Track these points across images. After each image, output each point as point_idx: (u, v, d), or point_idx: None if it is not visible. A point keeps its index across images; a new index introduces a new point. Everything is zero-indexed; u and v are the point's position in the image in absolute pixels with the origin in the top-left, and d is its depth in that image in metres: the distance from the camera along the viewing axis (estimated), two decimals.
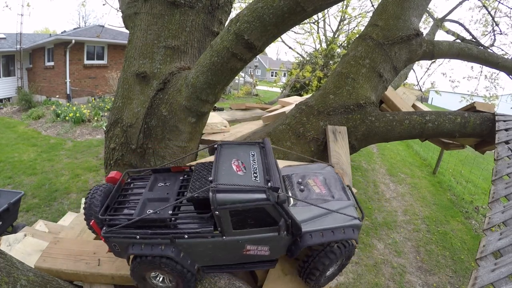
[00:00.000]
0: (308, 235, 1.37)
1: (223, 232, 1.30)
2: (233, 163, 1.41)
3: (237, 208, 1.22)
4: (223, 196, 1.21)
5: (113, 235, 1.34)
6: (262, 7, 1.70)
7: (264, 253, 1.39)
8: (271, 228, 1.32)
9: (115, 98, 2.58)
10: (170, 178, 1.66)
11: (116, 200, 1.52)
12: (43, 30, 42.47)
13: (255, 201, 1.23)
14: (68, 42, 13.39)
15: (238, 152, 1.52)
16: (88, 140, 9.70)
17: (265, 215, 1.27)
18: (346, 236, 1.41)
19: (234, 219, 1.27)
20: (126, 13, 2.57)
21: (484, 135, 2.63)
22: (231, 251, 1.37)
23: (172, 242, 1.31)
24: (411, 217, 6.55)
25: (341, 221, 1.44)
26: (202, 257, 1.40)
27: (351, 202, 1.56)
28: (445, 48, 3.05)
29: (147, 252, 1.32)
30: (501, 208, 1.69)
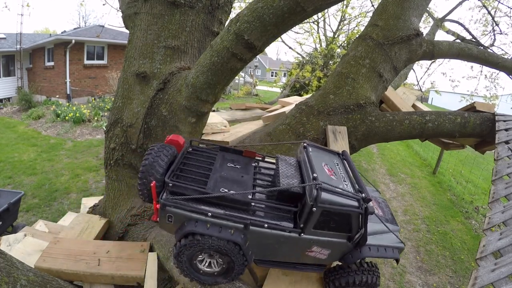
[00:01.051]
0: (367, 248, 1.46)
1: (304, 229, 1.30)
2: (324, 167, 1.44)
3: (332, 209, 1.26)
4: (327, 195, 1.24)
5: (175, 204, 1.21)
6: (262, 7, 1.70)
7: (322, 257, 1.43)
8: (343, 235, 1.37)
9: (115, 98, 2.58)
10: (239, 161, 1.58)
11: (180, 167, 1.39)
12: (43, 30, 42.46)
13: (349, 206, 1.27)
14: (68, 42, 13.39)
15: (324, 157, 1.56)
16: (88, 140, 9.70)
17: (347, 221, 1.32)
18: (393, 255, 1.54)
19: (320, 219, 1.29)
20: (126, 13, 2.57)
21: (484, 135, 2.63)
22: (296, 249, 1.39)
23: (245, 228, 1.24)
24: (411, 217, 6.55)
25: (391, 242, 1.56)
26: (264, 249, 1.36)
27: (398, 228, 1.74)
28: (445, 48, 3.05)
29: (214, 233, 1.21)
30: (501, 208, 1.69)
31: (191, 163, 1.47)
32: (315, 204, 1.23)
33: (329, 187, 1.26)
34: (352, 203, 1.28)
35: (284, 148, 2.56)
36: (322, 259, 1.44)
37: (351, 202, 1.28)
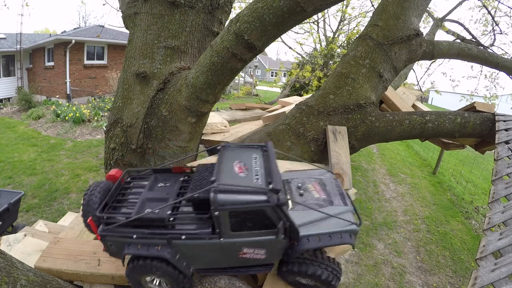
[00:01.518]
0: (305, 239, 1.37)
1: (221, 234, 1.28)
2: (235, 164, 1.40)
3: (237, 209, 1.21)
4: (224, 196, 1.20)
5: (109, 233, 1.32)
6: (262, 7, 1.70)
7: (260, 257, 1.38)
8: (269, 231, 1.30)
9: (115, 98, 2.58)
10: (171, 178, 1.64)
11: (115, 198, 1.50)
12: (43, 30, 42.47)
13: (256, 202, 1.21)
14: (68, 42, 13.40)
15: (241, 154, 1.51)
16: (88, 140, 9.70)
17: (264, 217, 1.26)
18: (343, 241, 1.41)
19: (233, 221, 1.25)
20: (126, 13, 2.57)
21: (484, 135, 2.63)
22: (227, 254, 1.36)
23: (169, 243, 1.29)
24: (411, 217, 6.55)
25: (338, 226, 1.42)
26: (198, 259, 1.38)
27: (349, 208, 1.54)
28: (445, 48, 3.05)
29: (143, 252, 1.30)
30: (501, 208, 1.69)
31: (127, 192, 1.57)
32: (215, 207, 1.20)
33: (226, 187, 1.21)
34: (258, 198, 1.21)
35: (284, 149, 2.57)
36: (262, 259, 1.39)
37: (257, 197, 1.21)
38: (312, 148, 2.55)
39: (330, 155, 2.36)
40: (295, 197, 1.57)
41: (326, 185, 1.69)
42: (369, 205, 6.91)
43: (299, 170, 1.96)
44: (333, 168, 2.27)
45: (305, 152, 2.55)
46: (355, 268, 4.83)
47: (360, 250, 5.29)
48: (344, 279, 4.58)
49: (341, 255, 5.26)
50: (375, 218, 6.40)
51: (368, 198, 7.26)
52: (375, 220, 6.32)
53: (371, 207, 6.82)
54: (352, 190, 2.31)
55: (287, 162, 2.47)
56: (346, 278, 4.61)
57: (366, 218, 6.34)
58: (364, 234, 5.76)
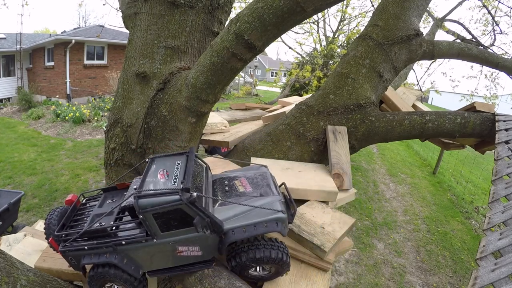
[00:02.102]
0: (231, 232, 1.43)
1: (153, 235, 1.39)
2: (159, 172, 1.53)
3: (157, 210, 1.32)
4: (144, 201, 1.32)
5: (67, 249, 1.47)
6: (262, 7, 1.70)
7: (197, 253, 1.48)
8: (192, 228, 1.40)
9: (115, 98, 2.58)
10: (118, 194, 1.81)
11: (72, 219, 1.66)
12: (43, 30, 42.43)
13: (171, 202, 1.32)
14: (68, 42, 13.40)
15: (166, 163, 1.63)
16: (88, 140, 9.70)
17: (184, 215, 1.36)
18: (268, 230, 1.45)
19: (159, 222, 1.36)
20: (126, 13, 2.57)
21: (484, 135, 2.63)
22: (167, 254, 1.47)
23: (114, 250, 1.43)
24: (411, 217, 6.55)
25: (263, 216, 1.48)
26: (144, 261, 1.49)
27: (277, 197, 1.59)
28: (445, 48, 3.05)
29: (95, 260, 1.45)
30: (501, 208, 1.69)
31: (83, 212, 1.74)
32: (138, 211, 1.32)
33: (146, 193, 1.34)
34: (172, 198, 1.32)
35: (284, 149, 2.57)
36: (201, 255, 1.49)
37: (171, 198, 1.32)
38: (312, 148, 2.55)
39: (330, 155, 2.36)
40: (219, 194, 1.66)
41: (255, 180, 1.76)
42: (369, 205, 6.92)
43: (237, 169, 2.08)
44: (333, 168, 2.28)
45: (305, 152, 2.55)
46: (355, 268, 4.83)
47: (360, 250, 5.30)
48: (344, 279, 4.58)
49: (341, 255, 5.26)
50: (375, 218, 6.40)
51: (368, 198, 7.26)
52: (375, 220, 6.32)
53: (371, 207, 6.82)
54: (352, 190, 2.31)
55: (287, 162, 2.47)
56: (346, 278, 4.61)
57: (366, 218, 6.34)
58: (364, 234, 5.76)
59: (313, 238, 1.71)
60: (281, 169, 2.32)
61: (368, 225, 6.10)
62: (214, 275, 1.54)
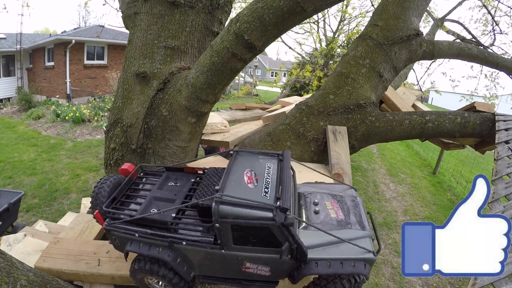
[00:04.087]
0: (313, 263, 1.28)
1: (223, 245, 1.25)
2: (246, 173, 1.34)
3: (239, 223, 1.17)
4: (226, 208, 1.16)
5: (114, 228, 1.33)
6: (262, 7, 1.69)
7: (264, 274, 1.33)
8: (273, 250, 1.24)
9: (115, 98, 2.58)
10: (182, 178, 1.62)
11: (125, 193, 1.50)
12: (43, 30, 42.39)
13: (260, 219, 1.16)
14: (68, 42, 13.39)
15: (254, 162, 1.43)
16: (88, 140, 9.70)
17: (269, 235, 1.20)
18: (355, 271, 1.29)
19: (235, 234, 1.21)
20: (126, 13, 2.57)
21: (484, 135, 2.63)
22: (229, 265, 1.33)
23: (170, 246, 1.28)
24: (411, 217, 6.55)
25: (353, 253, 1.32)
26: (200, 265, 1.36)
27: (368, 233, 1.43)
28: (445, 48, 3.05)
29: (144, 251, 1.30)
30: (501, 208, 1.69)
31: (138, 188, 1.57)
32: (216, 218, 1.17)
33: (230, 199, 1.16)
34: (263, 215, 1.15)
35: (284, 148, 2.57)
36: (266, 276, 1.33)
37: (262, 214, 1.15)
38: (312, 148, 2.55)
39: (330, 155, 2.36)
40: (310, 215, 1.47)
41: (345, 204, 1.57)
42: (369, 205, 6.91)
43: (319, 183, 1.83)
44: (333, 168, 2.27)
45: (305, 152, 2.55)
46: None
47: None
48: None
49: None
50: (375, 218, 6.40)
51: (368, 198, 7.25)
52: (375, 220, 6.32)
53: (371, 207, 6.82)
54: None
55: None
56: None
57: None
58: None
59: None
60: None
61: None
62: None
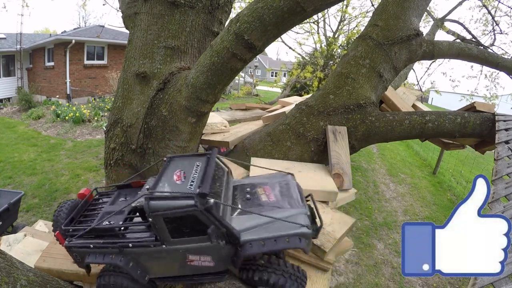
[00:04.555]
0: (248, 244, 1.31)
1: (162, 240, 1.31)
2: (176, 173, 1.42)
3: (168, 215, 1.24)
4: (155, 203, 1.24)
5: (73, 245, 1.43)
6: (262, 7, 1.70)
7: (209, 264, 1.38)
8: (206, 237, 1.30)
9: (115, 98, 2.58)
10: (132, 193, 1.74)
11: (82, 214, 1.62)
12: (43, 30, 42.44)
13: (184, 207, 1.23)
14: (68, 42, 13.41)
15: (184, 163, 1.52)
16: (88, 140, 9.70)
17: (197, 222, 1.26)
18: (290, 245, 1.33)
19: (169, 227, 1.28)
20: (126, 13, 2.57)
21: (484, 135, 2.63)
22: (176, 262, 1.38)
23: (120, 251, 1.36)
24: (411, 217, 6.55)
25: (286, 230, 1.35)
26: (151, 267, 1.42)
27: (303, 210, 1.46)
28: (445, 48, 3.05)
29: (100, 260, 1.40)
30: (501, 208, 1.69)
31: (95, 208, 1.69)
32: (148, 214, 1.25)
33: (158, 194, 1.25)
34: (186, 203, 1.23)
35: (284, 149, 2.57)
36: (212, 267, 1.38)
37: (185, 202, 1.23)
38: (312, 148, 2.55)
39: (330, 155, 2.36)
40: (240, 202, 1.53)
41: (279, 189, 1.63)
42: (369, 205, 6.92)
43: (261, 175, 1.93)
44: (333, 168, 2.27)
45: (305, 152, 2.55)
46: (355, 268, 4.83)
47: (360, 250, 5.30)
48: (344, 279, 4.58)
49: (341, 255, 5.25)
50: (375, 218, 6.40)
51: (368, 198, 7.26)
52: (375, 220, 6.32)
53: (371, 207, 6.82)
54: (352, 190, 2.31)
55: (287, 162, 2.47)
56: (346, 278, 4.61)
57: (366, 218, 6.34)
58: (364, 234, 5.76)
59: None
60: (281, 169, 2.31)
61: (368, 225, 6.10)
62: None
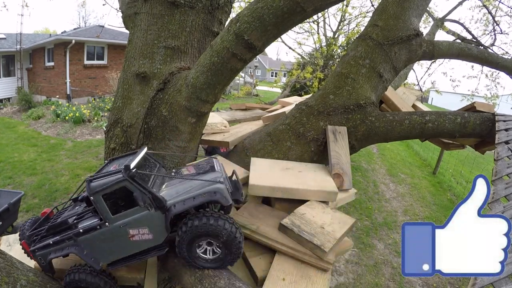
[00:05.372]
0: (172, 207, 1.53)
1: (105, 219, 1.49)
2: (113, 165, 1.68)
3: (105, 190, 1.44)
4: (94, 183, 1.45)
5: (36, 247, 1.56)
6: (262, 7, 1.70)
7: (148, 237, 1.56)
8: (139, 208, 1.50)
9: (115, 98, 2.58)
10: None
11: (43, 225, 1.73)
12: (43, 30, 42.41)
13: (115, 180, 1.45)
14: (68, 42, 13.40)
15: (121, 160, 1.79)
16: (88, 140, 9.70)
17: (129, 193, 1.47)
18: (206, 199, 1.54)
19: (108, 204, 1.48)
20: (126, 13, 2.57)
21: (484, 135, 2.63)
22: (120, 241, 1.55)
23: (74, 241, 1.53)
24: (411, 218, 6.55)
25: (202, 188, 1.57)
26: (102, 252, 1.58)
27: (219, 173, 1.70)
28: (445, 48, 3.05)
29: (59, 254, 1.55)
30: (501, 208, 1.69)
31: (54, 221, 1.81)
32: (90, 194, 1.44)
33: (96, 176, 1.49)
34: (116, 176, 1.46)
35: (284, 149, 2.57)
36: (152, 240, 1.56)
37: (115, 176, 1.46)
38: (312, 148, 2.55)
39: (330, 155, 2.36)
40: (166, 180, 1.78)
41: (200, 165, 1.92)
42: (369, 205, 6.91)
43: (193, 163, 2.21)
44: (333, 168, 2.28)
45: (305, 152, 2.55)
46: (355, 268, 4.83)
47: (360, 250, 5.29)
48: (344, 279, 4.58)
49: (341, 255, 5.24)
50: (375, 218, 6.40)
51: (368, 198, 7.25)
52: (375, 220, 6.32)
53: (371, 207, 6.82)
54: (352, 190, 2.31)
55: (287, 162, 2.47)
56: (346, 278, 4.60)
57: (366, 218, 6.34)
58: (364, 234, 5.76)
59: (313, 238, 1.71)
60: (281, 169, 2.32)
61: (368, 225, 6.09)
62: (214, 275, 1.55)
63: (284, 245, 1.77)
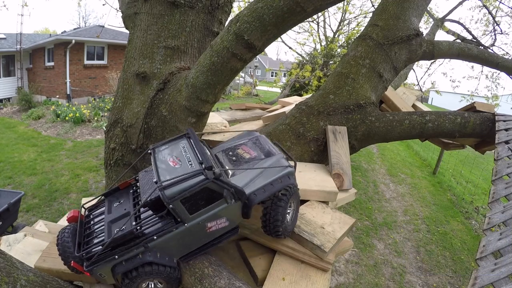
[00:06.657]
0: (253, 195, 1.53)
1: (183, 220, 1.43)
2: (169, 160, 1.55)
3: (185, 195, 1.36)
4: (170, 190, 1.34)
5: (94, 266, 1.42)
6: (262, 7, 1.70)
7: (225, 225, 1.54)
8: (220, 201, 1.46)
9: (115, 98, 2.58)
10: (122, 194, 1.77)
11: (84, 234, 1.60)
12: (43, 30, 42.46)
13: (198, 183, 1.37)
14: (68, 42, 13.40)
15: (170, 149, 1.66)
16: (88, 140, 9.70)
17: (210, 192, 1.42)
18: (284, 184, 1.59)
19: (187, 206, 1.40)
20: (126, 13, 2.57)
21: (484, 135, 2.63)
22: (197, 234, 1.51)
23: (146, 248, 1.42)
24: (411, 217, 6.55)
25: (276, 174, 1.61)
26: (176, 249, 1.52)
27: (281, 155, 1.74)
28: (445, 48, 3.05)
29: (130, 266, 1.42)
30: (501, 208, 1.69)
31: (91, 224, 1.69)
32: (167, 202, 1.35)
33: (169, 182, 1.36)
34: (198, 179, 1.37)
35: (284, 148, 2.56)
36: (227, 226, 1.55)
37: (197, 179, 1.37)
38: (312, 148, 2.55)
39: (330, 155, 2.36)
40: (230, 165, 1.74)
41: (254, 143, 1.90)
42: (369, 205, 6.92)
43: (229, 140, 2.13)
44: (333, 168, 2.27)
45: (305, 152, 2.55)
46: (355, 268, 4.83)
47: (360, 250, 5.30)
48: (344, 279, 4.58)
49: (341, 255, 5.25)
50: (375, 218, 6.40)
51: (368, 198, 7.25)
52: (375, 220, 6.32)
53: (371, 207, 6.82)
54: (352, 190, 2.31)
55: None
56: (346, 278, 4.61)
57: (366, 218, 6.34)
58: (364, 234, 5.76)
59: (313, 238, 1.71)
60: None
61: (368, 225, 6.10)
62: (214, 275, 1.54)
63: (284, 245, 1.77)
